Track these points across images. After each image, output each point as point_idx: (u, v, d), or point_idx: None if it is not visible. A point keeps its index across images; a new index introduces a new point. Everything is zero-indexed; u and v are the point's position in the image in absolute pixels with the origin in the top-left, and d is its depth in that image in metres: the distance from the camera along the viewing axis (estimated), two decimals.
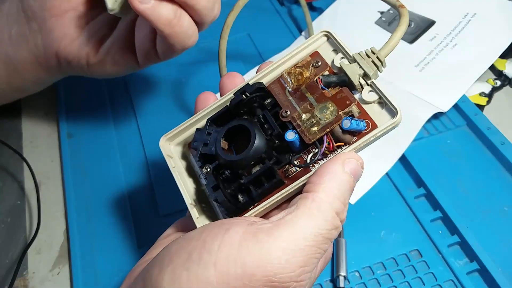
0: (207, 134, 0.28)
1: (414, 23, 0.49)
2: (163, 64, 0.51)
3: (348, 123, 0.24)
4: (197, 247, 0.22)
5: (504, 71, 0.47)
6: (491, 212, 0.37)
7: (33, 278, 0.37)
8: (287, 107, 0.26)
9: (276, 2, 0.57)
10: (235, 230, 0.22)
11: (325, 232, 0.22)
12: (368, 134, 0.25)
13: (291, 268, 0.21)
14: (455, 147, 0.41)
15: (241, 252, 0.21)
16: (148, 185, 0.41)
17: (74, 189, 0.41)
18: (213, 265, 0.21)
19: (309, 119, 0.26)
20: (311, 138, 0.25)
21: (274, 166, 0.26)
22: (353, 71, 0.26)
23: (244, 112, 0.28)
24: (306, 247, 0.22)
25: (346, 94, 0.25)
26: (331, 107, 0.25)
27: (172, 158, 0.30)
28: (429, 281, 0.34)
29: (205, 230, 0.23)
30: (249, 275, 0.21)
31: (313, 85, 0.27)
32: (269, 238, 0.21)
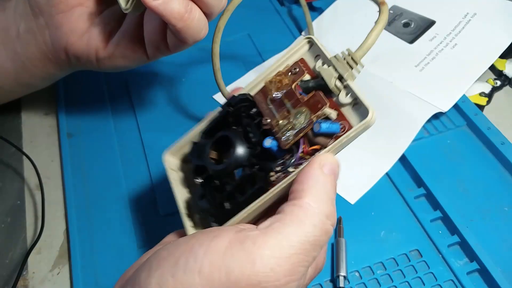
0: (199, 146, 0.29)
1: (414, 23, 0.49)
2: (164, 65, 0.51)
3: (318, 126, 0.25)
4: (184, 253, 0.22)
5: (504, 71, 0.47)
6: (491, 212, 0.37)
7: (33, 278, 0.37)
8: (267, 115, 0.27)
9: (276, 2, 0.57)
10: (222, 236, 0.22)
11: (313, 239, 0.22)
12: (343, 136, 0.25)
13: (276, 277, 0.21)
14: (455, 147, 0.41)
15: (226, 259, 0.21)
16: (148, 185, 0.41)
17: (74, 189, 0.41)
18: (198, 271, 0.21)
19: (285, 125, 0.26)
20: (286, 144, 0.26)
21: (259, 173, 0.26)
22: (329, 74, 0.26)
23: (232, 122, 0.29)
24: (292, 255, 0.21)
25: (318, 98, 0.26)
26: (305, 111, 0.25)
27: (174, 171, 0.31)
28: (429, 281, 0.34)
29: (194, 237, 0.23)
30: (233, 282, 0.21)
31: (290, 92, 0.27)
32: (254, 246, 0.21)
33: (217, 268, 0.21)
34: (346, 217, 0.37)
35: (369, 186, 0.39)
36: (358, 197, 0.38)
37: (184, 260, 0.22)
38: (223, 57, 0.39)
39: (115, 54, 0.37)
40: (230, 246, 0.21)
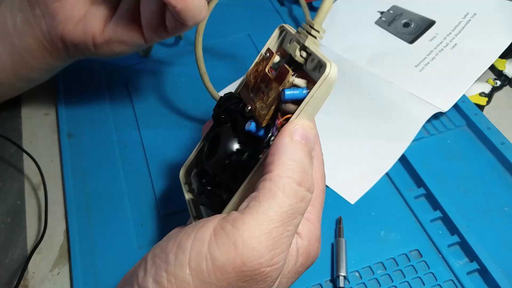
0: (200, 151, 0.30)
1: (414, 23, 0.49)
2: (164, 65, 0.51)
3: (282, 94, 0.25)
4: (173, 248, 0.23)
5: (504, 71, 0.47)
6: (491, 212, 0.37)
7: (33, 278, 0.37)
8: (248, 103, 0.27)
9: (276, 2, 0.57)
10: (206, 226, 0.23)
11: (288, 208, 0.22)
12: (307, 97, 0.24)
13: (259, 254, 0.21)
14: (455, 147, 0.41)
15: (210, 248, 0.22)
16: (148, 185, 0.41)
17: (74, 189, 0.41)
18: (187, 264, 0.22)
19: (261, 105, 0.26)
20: (262, 120, 0.26)
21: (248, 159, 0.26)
22: (293, 48, 0.27)
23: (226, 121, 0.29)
24: (272, 230, 0.22)
25: (282, 69, 0.25)
26: (274, 86, 0.26)
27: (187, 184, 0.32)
28: (429, 281, 0.34)
29: (182, 230, 0.23)
30: (219, 268, 0.21)
31: (264, 75, 0.27)
32: (234, 229, 0.22)
33: (204, 257, 0.21)
34: (346, 217, 0.37)
35: (369, 186, 0.39)
36: (358, 197, 0.38)
37: (173, 255, 0.22)
38: (223, 57, 0.40)
39: (113, 39, 0.37)
40: (213, 233, 0.22)
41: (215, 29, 0.41)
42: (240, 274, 0.21)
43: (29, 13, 0.37)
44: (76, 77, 0.50)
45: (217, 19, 0.37)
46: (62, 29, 0.36)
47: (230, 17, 0.54)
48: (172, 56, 0.52)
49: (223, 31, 0.53)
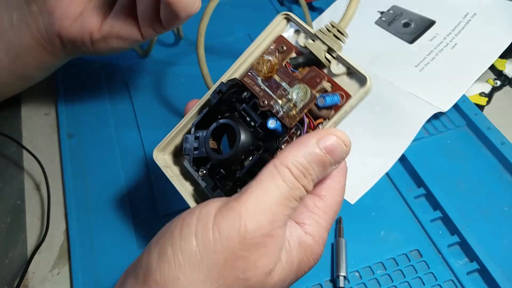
0: (195, 138, 0.29)
1: (414, 23, 0.49)
2: (164, 65, 0.51)
3: (322, 100, 0.26)
4: (178, 224, 0.24)
5: (504, 71, 0.47)
6: (491, 212, 0.37)
7: (33, 278, 0.37)
8: (263, 97, 0.27)
9: (276, 2, 0.57)
10: (210, 205, 0.24)
11: (286, 191, 0.24)
12: (344, 106, 0.26)
13: (261, 225, 0.23)
14: (455, 147, 0.41)
15: (216, 220, 0.23)
16: (148, 185, 0.41)
17: (74, 189, 0.41)
18: (193, 235, 0.23)
19: (285, 104, 0.26)
20: (292, 121, 0.26)
21: (265, 154, 0.26)
22: (318, 48, 0.27)
23: (225, 109, 0.29)
24: (271, 206, 0.23)
25: (315, 73, 0.26)
26: (304, 88, 0.26)
27: (168, 168, 0.31)
28: (429, 281, 0.34)
29: (184, 212, 0.25)
30: (225, 237, 0.22)
31: (283, 71, 0.27)
32: (238, 203, 0.23)
33: (210, 229, 0.23)
34: (346, 217, 0.37)
35: (369, 186, 0.39)
36: (358, 197, 0.38)
37: (178, 230, 0.23)
38: (223, 57, 0.40)
39: (110, 35, 0.37)
40: (218, 210, 0.23)
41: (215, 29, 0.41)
42: (244, 242, 0.22)
43: (25, 11, 0.37)
44: (76, 77, 0.50)
45: (217, 19, 0.37)
46: (59, 26, 0.36)
47: (230, 17, 0.54)
48: (172, 56, 0.52)
49: (223, 31, 0.52)
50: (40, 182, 0.42)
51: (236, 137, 0.27)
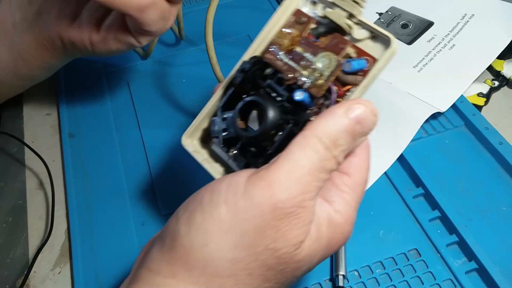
0: (222, 120, 0.29)
1: (412, 24, 0.49)
2: (164, 65, 0.51)
3: (349, 65, 0.25)
4: (207, 192, 0.24)
5: (502, 71, 0.47)
6: (490, 212, 0.37)
7: (34, 277, 0.37)
8: (287, 70, 0.27)
9: (276, 2, 0.57)
10: (241, 174, 0.24)
11: (317, 161, 0.23)
12: (372, 69, 0.25)
13: (292, 194, 0.22)
14: (453, 147, 0.41)
15: (246, 188, 0.23)
16: (149, 185, 0.41)
17: (75, 189, 0.41)
18: (223, 202, 0.23)
19: (311, 74, 0.26)
20: (319, 91, 0.26)
21: (294, 128, 0.26)
22: (338, 15, 0.27)
23: (249, 88, 0.28)
24: (303, 176, 0.23)
25: (338, 39, 0.26)
26: (329, 55, 0.26)
27: (198, 152, 0.31)
28: (428, 280, 0.34)
29: (213, 181, 0.25)
30: (256, 205, 0.22)
31: (305, 41, 0.27)
32: (269, 172, 0.23)
33: (241, 196, 0.23)
34: None
35: (367, 185, 0.39)
36: None
37: (208, 197, 0.23)
38: (223, 58, 0.40)
39: (108, 38, 0.37)
40: (248, 178, 0.23)
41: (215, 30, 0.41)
42: (275, 212, 0.22)
43: (27, 11, 0.37)
44: (77, 78, 0.50)
45: (217, 20, 0.37)
46: (59, 27, 0.37)
47: (230, 18, 0.55)
48: (173, 57, 0.52)
49: (223, 31, 0.53)
50: (41, 181, 0.43)
51: (264, 113, 0.26)
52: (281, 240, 0.22)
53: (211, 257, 0.22)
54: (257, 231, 0.22)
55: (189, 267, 0.23)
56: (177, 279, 0.23)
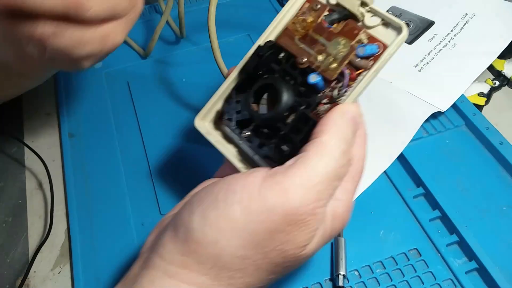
0: (236, 102, 0.30)
1: (413, 23, 0.49)
2: (164, 65, 0.51)
3: (363, 49, 0.27)
4: (222, 189, 0.24)
5: (502, 71, 0.47)
6: (490, 212, 0.37)
7: (34, 277, 0.37)
8: (301, 54, 0.28)
9: (276, 2, 0.57)
10: (255, 174, 0.24)
11: (333, 169, 0.24)
12: (383, 54, 0.27)
13: (306, 202, 0.23)
14: (454, 147, 0.41)
15: (261, 190, 0.23)
16: (149, 185, 0.41)
17: (75, 189, 0.41)
18: (238, 202, 0.23)
19: (325, 58, 0.27)
20: (333, 74, 0.27)
21: (306, 110, 0.27)
22: (351, 3, 0.28)
23: (263, 72, 0.29)
24: (317, 184, 0.24)
25: (352, 25, 0.28)
26: (342, 40, 0.27)
27: (210, 134, 0.31)
28: (428, 280, 0.34)
29: (229, 177, 0.25)
30: (269, 209, 0.23)
31: (319, 27, 0.28)
32: (285, 178, 0.24)
33: (255, 198, 0.23)
34: None
35: (367, 185, 0.39)
36: (356, 195, 0.38)
37: (223, 195, 0.24)
38: (223, 57, 0.40)
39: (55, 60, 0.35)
40: (264, 180, 0.24)
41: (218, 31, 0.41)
42: (287, 218, 0.23)
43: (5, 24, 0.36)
44: (77, 77, 0.50)
45: (217, 19, 0.37)
46: None
47: (230, 17, 0.55)
48: (173, 56, 0.52)
49: (223, 31, 0.53)
50: (41, 181, 0.42)
51: (279, 95, 0.27)
52: (290, 244, 0.24)
53: (222, 253, 0.23)
54: (267, 233, 0.23)
55: (201, 260, 0.24)
56: (189, 270, 0.24)
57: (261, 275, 0.25)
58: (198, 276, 0.24)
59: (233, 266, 0.24)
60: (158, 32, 0.50)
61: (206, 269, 0.24)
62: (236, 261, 0.24)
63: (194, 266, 0.24)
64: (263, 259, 0.24)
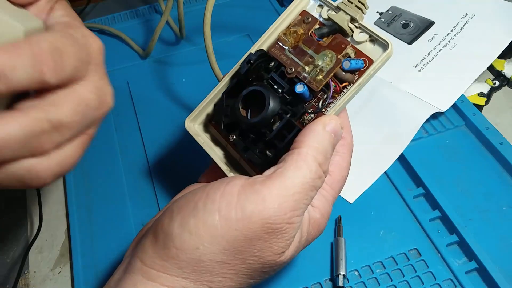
0: (225, 106, 0.31)
1: (413, 23, 0.49)
2: (164, 65, 0.51)
3: (348, 63, 0.27)
4: (202, 198, 0.25)
5: (502, 71, 0.47)
6: (490, 212, 0.37)
7: (34, 277, 0.37)
8: (290, 65, 0.29)
9: (276, 2, 0.57)
10: (234, 183, 0.25)
11: (310, 180, 0.25)
12: (368, 69, 0.27)
13: (283, 211, 0.24)
14: (454, 147, 0.41)
15: (240, 199, 0.24)
16: (149, 185, 0.41)
17: (75, 189, 0.41)
18: (217, 211, 0.24)
19: (312, 69, 0.28)
20: (318, 85, 0.28)
21: (291, 119, 0.28)
22: (341, 18, 0.29)
23: (253, 79, 0.30)
24: (295, 194, 0.24)
25: (340, 39, 0.28)
26: (330, 53, 0.28)
27: (199, 136, 0.32)
28: (428, 280, 0.34)
29: (208, 185, 0.26)
30: (247, 217, 0.24)
31: (309, 39, 0.29)
32: (263, 187, 0.24)
33: (233, 206, 0.24)
34: (346, 217, 0.37)
35: (367, 185, 0.39)
36: (356, 196, 0.38)
37: (202, 204, 0.25)
38: (223, 57, 0.40)
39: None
40: (242, 189, 0.25)
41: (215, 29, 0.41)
42: (265, 226, 0.24)
43: None
44: None
45: (217, 19, 0.37)
46: None
47: (230, 17, 0.55)
48: (172, 56, 0.52)
49: (223, 31, 0.53)
50: None
51: (266, 102, 0.28)
52: (267, 250, 0.25)
53: (202, 258, 0.24)
54: (245, 240, 0.24)
55: (181, 265, 0.24)
56: (170, 274, 0.24)
57: (240, 279, 0.25)
58: (179, 279, 0.24)
59: (213, 270, 0.24)
60: (158, 32, 0.50)
61: (186, 274, 0.24)
62: (215, 266, 0.24)
63: (174, 270, 0.24)
64: (242, 265, 0.25)
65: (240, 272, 0.25)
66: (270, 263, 0.25)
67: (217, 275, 0.25)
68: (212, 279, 0.25)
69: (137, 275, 0.25)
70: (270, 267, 0.26)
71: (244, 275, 0.25)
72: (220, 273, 0.25)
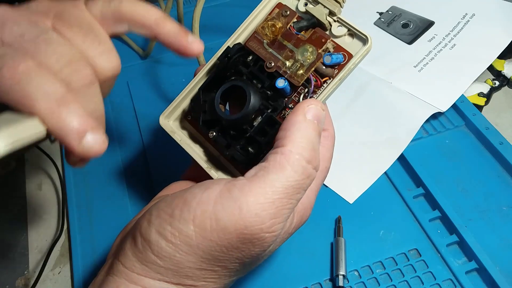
0: (202, 102, 0.30)
1: (413, 23, 0.49)
2: (164, 65, 0.51)
3: (329, 58, 0.27)
4: (179, 204, 0.24)
5: (502, 71, 0.47)
6: (490, 212, 0.37)
7: (34, 277, 0.37)
8: (269, 59, 0.28)
9: None
10: (213, 188, 0.24)
11: (295, 183, 0.23)
12: (348, 64, 0.27)
13: (261, 220, 0.23)
14: (454, 147, 0.41)
15: (215, 208, 0.23)
16: (149, 185, 0.41)
17: (75, 189, 0.41)
18: (192, 220, 0.23)
19: (293, 64, 0.28)
20: (300, 80, 0.28)
21: (272, 114, 0.28)
22: (320, 12, 0.28)
23: (231, 73, 0.29)
24: (276, 200, 0.23)
25: (320, 34, 0.28)
26: (310, 48, 0.28)
27: (175, 133, 0.31)
28: (428, 280, 0.34)
29: (188, 190, 0.25)
30: (222, 228, 0.23)
31: (287, 33, 0.29)
32: (240, 193, 0.23)
33: (208, 216, 0.23)
34: (346, 217, 0.37)
35: (367, 185, 0.39)
36: (356, 196, 0.38)
37: (179, 211, 0.24)
38: None
39: None
40: (219, 195, 0.23)
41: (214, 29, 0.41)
42: (240, 236, 0.23)
43: None
44: None
45: (217, 19, 0.37)
46: None
47: (230, 17, 0.55)
48: (172, 56, 0.52)
49: (223, 31, 0.53)
50: (41, 181, 0.42)
51: (247, 98, 0.27)
52: (246, 254, 0.24)
53: (180, 266, 0.24)
54: (222, 250, 0.23)
55: (160, 270, 0.24)
56: (150, 277, 0.24)
57: (225, 280, 0.25)
58: (160, 282, 0.24)
59: (194, 276, 0.24)
60: None
61: (168, 278, 0.24)
62: (196, 272, 0.24)
63: (153, 273, 0.24)
64: (222, 269, 0.24)
65: (222, 275, 0.25)
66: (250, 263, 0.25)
67: (199, 280, 0.24)
68: (194, 283, 0.24)
69: (119, 278, 0.24)
70: (251, 266, 0.26)
71: (226, 275, 0.25)
72: (202, 278, 0.24)
